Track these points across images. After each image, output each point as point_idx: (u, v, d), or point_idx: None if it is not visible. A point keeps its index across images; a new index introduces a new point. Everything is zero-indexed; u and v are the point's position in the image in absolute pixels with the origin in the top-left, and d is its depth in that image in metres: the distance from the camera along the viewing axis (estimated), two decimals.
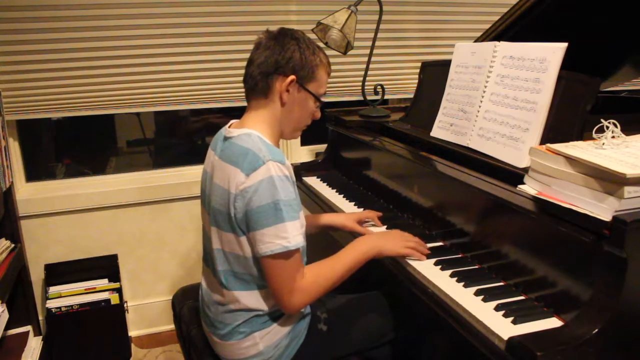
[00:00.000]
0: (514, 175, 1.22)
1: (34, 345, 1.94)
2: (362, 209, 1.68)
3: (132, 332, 2.34)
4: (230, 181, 1.16)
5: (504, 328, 0.98)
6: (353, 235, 1.49)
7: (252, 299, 1.23)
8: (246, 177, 1.13)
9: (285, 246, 1.12)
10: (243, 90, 1.28)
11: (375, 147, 1.82)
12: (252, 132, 1.21)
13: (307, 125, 1.34)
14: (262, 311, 1.23)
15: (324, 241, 1.71)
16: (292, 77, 1.22)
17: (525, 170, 1.17)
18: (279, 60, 1.21)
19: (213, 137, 1.34)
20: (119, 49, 2.07)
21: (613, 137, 1.09)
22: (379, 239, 1.35)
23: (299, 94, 1.25)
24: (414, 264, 1.28)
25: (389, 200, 1.72)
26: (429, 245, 1.35)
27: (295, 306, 1.20)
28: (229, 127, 1.29)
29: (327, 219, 1.58)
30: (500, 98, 1.41)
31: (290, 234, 1.13)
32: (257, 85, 1.24)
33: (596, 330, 0.89)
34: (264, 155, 1.14)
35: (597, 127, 1.11)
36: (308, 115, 1.31)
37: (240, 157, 1.16)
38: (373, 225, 1.56)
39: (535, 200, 1.10)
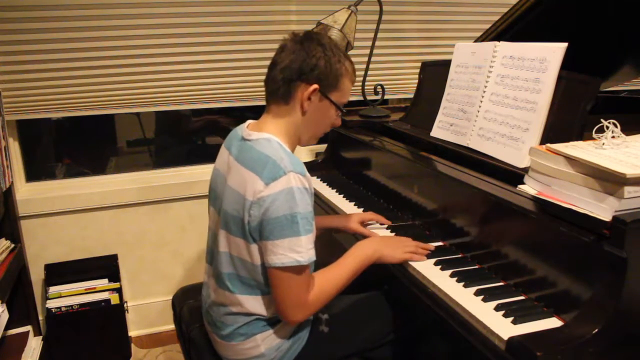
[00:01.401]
0: (514, 175, 1.22)
1: (34, 345, 1.94)
2: (362, 209, 1.68)
3: (132, 332, 2.34)
4: (247, 187, 1.13)
5: (504, 328, 0.98)
6: (356, 237, 1.49)
7: (255, 303, 1.22)
8: (265, 185, 1.10)
9: (298, 260, 1.10)
10: (243, 90, 1.28)
11: (375, 147, 1.82)
12: (272, 137, 1.18)
13: (325, 132, 1.31)
14: (263, 316, 1.23)
15: (324, 241, 1.71)
16: (315, 85, 1.18)
17: (525, 170, 1.17)
18: (303, 67, 1.17)
19: (227, 135, 1.31)
20: (119, 49, 2.07)
21: (613, 137, 1.09)
22: (380, 244, 1.34)
23: (320, 102, 1.21)
24: (414, 264, 1.28)
25: (389, 200, 1.71)
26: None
27: (297, 320, 1.19)
28: (247, 127, 1.25)
29: (329, 221, 1.57)
30: (501, 98, 1.41)
31: (304, 248, 1.10)
32: (278, 90, 1.20)
33: (596, 330, 0.89)
34: (285, 165, 1.11)
35: (597, 127, 1.11)
36: (328, 124, 1.28)
37: (260, 164, 1.13)
38: (376, 226, 1.55)
39: (535, 200, 1.10)
